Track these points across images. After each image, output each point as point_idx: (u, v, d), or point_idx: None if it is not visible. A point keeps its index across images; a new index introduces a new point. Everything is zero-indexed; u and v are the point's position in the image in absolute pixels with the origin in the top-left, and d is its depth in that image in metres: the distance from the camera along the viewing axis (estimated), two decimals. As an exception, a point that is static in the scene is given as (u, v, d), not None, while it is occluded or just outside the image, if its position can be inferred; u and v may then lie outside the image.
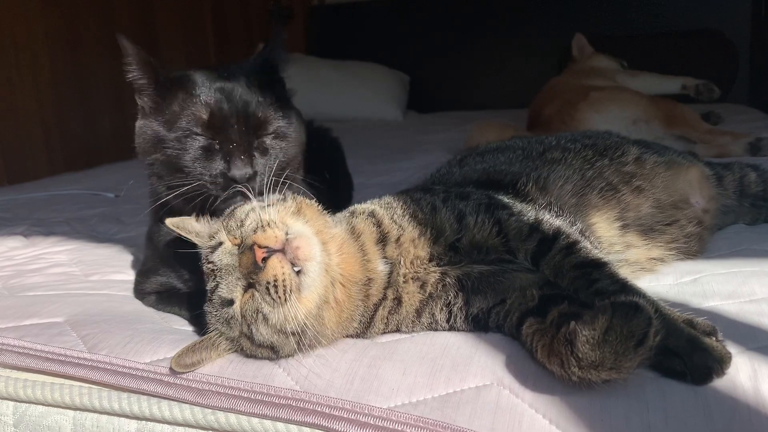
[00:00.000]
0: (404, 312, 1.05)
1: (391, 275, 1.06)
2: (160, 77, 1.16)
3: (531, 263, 1.05)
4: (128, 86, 1.20)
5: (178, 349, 0.98)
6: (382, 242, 1.07)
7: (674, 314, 0.90)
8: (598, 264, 0.99)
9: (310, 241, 0.97)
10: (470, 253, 1.06)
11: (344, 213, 1.15)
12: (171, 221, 1.11)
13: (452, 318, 1.03)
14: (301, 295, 0.94)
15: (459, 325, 1.03)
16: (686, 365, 0.84)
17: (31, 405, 1.04)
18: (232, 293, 0.97)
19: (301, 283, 0.94)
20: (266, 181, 1.10)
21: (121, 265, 1.55)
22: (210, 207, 1.13)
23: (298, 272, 0.94)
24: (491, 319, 1.00)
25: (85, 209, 2.25)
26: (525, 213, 1.10)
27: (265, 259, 0.93)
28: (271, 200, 1.03)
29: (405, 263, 1.06)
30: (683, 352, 0.84)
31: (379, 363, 0.95)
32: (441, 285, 1.04)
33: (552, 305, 0.93)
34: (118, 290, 1.37)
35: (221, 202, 1.13)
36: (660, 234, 1.26)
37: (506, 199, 1.15)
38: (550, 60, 4.10)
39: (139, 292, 1.33)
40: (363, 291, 1.03)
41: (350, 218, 1.12)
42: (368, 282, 1.04)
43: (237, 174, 1.10)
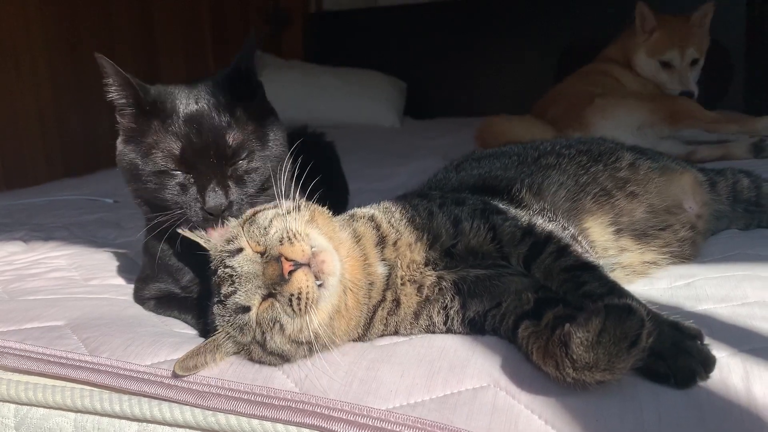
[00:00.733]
0: (402, 313, 1.06)
1: (390, 277, 1.07)
2: (140, 99, 1.14)
3: (523, 267, 1.06)
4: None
5: (180, 353, 0.99)
6: (381, 245, 1.09)
7: (660, 317, 0.91)
8: (588, 267, 1.01)
9: (333, 256, 0.99)
10: (466, 258, 1.08)
11: (344, 216, 1.17)
12: (183, 231, 1.11)
13: (449, 321, 1.04)
14: (319, 307, 0.96)
15: (456, 328, 1.04)
16: (670, 368, 0.85)
17: (33, 407, 1.04)
18: (250, 300, 0.97)
19: (321, 296, 0.96)
20: (243, 209, 1.11)
21: (121, 270, 1.57)
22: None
23: (319, 285, 0.96)
24: (487, 322, 1.01)
25: (84, 214, 2.26)
26: (519, 218, 1.11)
27: (291, 272, 0.94)
28: (289, 206, 1.04)
29: (402, 266, 1.08)
30: (668, 355, 0.85)
31: (378, 365, 0.96)
32: (437, 288, 1.06)
33: (547, 308, 0.94)
34: (118, 294, 1.38)
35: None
36: (653, 238, 1.27)
37: (501, 205, 1.17)
38: (547, 66, 4.12)
39: (139, 298, 1.34)
40: (367, 295, 1.05)
41: (351, 222, 1.13)
42: (370, 285, 1.06)
43: (212, 206, 1.10)
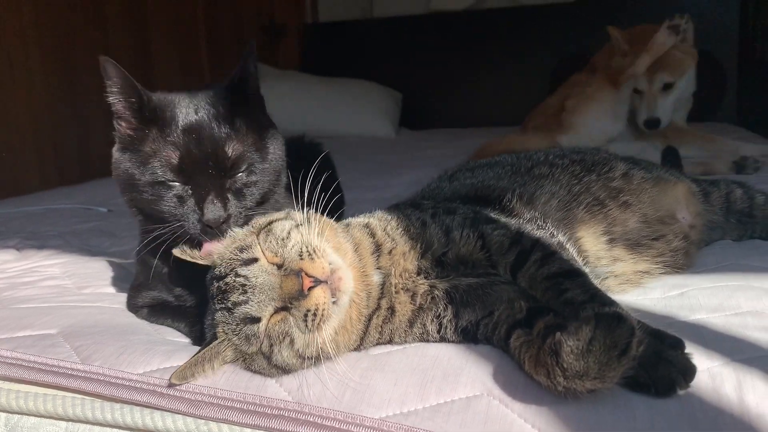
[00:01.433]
0: (397, 321, 1.06)
1: (384, 285, 1.07)
2: (143, 105, 1.13)
3: (510, 276, 1.06)
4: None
5: (173, 361, 0.98)
6: (377, 253, 1.09)
7: (643, 325, 0.90)
8: (570, 274, 1.01)
9: (348, 274, 1.00)
10: (457, 267, 1.08)
11: (341, 225, 1.16)
12: (177, 252, 1.10)
13: (443, 329, 1.04)
14: (329, 323, 0.96)
15: (450, 337, 1.04)
16: (650, 377, 0.84)
17: (24, 416, 1.04)
18: (262, 312, 0.96)
19: (333, 313, 0.96)
20: (240, 222, 1.11)
21: (114, 278, 1.56)
22: (196, 242, 1.13)
23: (333, 302, 0.97)
24: (480, 332, 1.01)
25: (78, 223, 2.25)
26: (508, 227, 1.11)
27: (310, 288, 0.94)
28: (301, 218, 1.05)
29: (395, 274, 1.08)
30: (648, 364, 0.85)
31: (371, 374, 0.96)
32: (430, 297, 1.06)
33: (539, 317, 0.94)
34: (111, 303, 1.37)
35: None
36: (647, 248, 1.27)
37: (492, 214, 1.17)
38: (542, 78, 4.15)
39: (132, 306, 1.33)
40: (365, 304, 1.05)
41: (348, 231, 1.13)
42: (368, 295, 1.06)
43: (211, 219, 1.09)
